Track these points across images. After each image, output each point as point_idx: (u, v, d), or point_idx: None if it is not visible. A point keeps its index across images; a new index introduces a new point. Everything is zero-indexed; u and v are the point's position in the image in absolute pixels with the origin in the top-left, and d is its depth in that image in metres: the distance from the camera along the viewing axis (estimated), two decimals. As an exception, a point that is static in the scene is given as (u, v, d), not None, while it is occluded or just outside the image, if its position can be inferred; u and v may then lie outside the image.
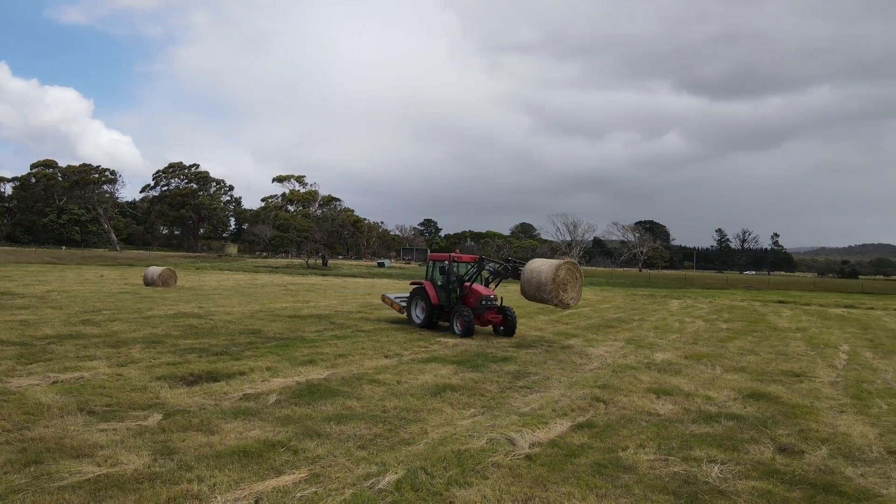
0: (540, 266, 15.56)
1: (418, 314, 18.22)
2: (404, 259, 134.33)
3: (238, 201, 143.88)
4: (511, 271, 16.78)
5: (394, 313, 21.83)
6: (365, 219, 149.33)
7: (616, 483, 6.22)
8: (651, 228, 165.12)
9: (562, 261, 15.54)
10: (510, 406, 9.23)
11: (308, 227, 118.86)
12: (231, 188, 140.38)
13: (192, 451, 6.59)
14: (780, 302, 40.84)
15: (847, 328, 23.90)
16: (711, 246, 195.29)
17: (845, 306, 38.47)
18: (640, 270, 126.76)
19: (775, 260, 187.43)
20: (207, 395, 9.08)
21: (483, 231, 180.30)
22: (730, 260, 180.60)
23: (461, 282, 17.43)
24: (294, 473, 6.06)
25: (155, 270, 33.16)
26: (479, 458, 6.72)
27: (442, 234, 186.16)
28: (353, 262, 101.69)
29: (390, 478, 6.02)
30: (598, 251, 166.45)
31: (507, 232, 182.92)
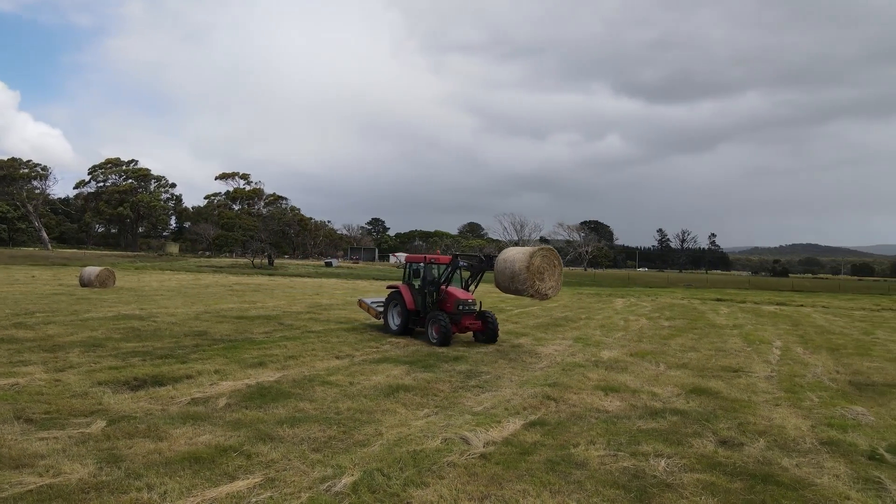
0: (513, 255, 14.18)
1: (394, 320, 17.01)
2: (352, 259, 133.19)
3: (179, 199, 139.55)
4: (486, 263, 15.71)
5: (341, 315, 21.68)
6: (312, 218, 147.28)
7: (569, 479, 6.37)
8: (596, 228, 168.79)
9: (537, 247, 14.20)
10: (463, 405, 9.32)
11: (253, 226, 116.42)
12: (173, 186, 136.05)
13: (139, 458, 6.40)
14: (718, 300, 42.42)
15: (779, 325, 25.05)
16: (653, 246, 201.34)
17: (777, 304, 40.29)
18: (586, 270, 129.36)
19: (712, 259, 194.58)
20: (153, 399, 8.82)
21: (431, 230, 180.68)
22: (670, 259, 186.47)
23: (437, 285, 16.19)
24: (248, 479, 5.97)
25: (92, 270, 31.87)
26: (434, 458, 6.78)
27: (390, 233, 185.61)
28: (300, 262, 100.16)
29: (347, 480, 6.00)
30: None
31: (455, 231, 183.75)
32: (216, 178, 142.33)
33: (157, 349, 12.85)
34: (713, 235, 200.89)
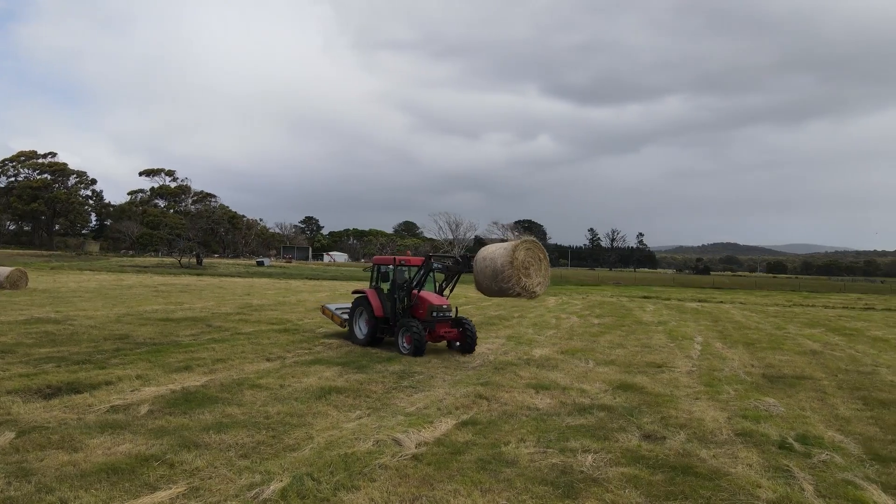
0: (494, 251, 12.80)
1: (361, 328, 15.54)
2: (285, 258, 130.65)
3: (100, 196, 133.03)
4: (463, 263, 14.21)
5: (273, 315, 21.21)
6: (243, 216, 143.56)
7: (499, 477, 6.46)
8: (530, 227, 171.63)
9: (519, 240, 12.81)
10: (396, 406, 9.30)
11: (181, 224, 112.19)
12: (93, 181, 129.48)
13: (52, 471, 6.06)
14: (645, 297, 44.01)
15: (701, 321, 26.23)
16: (584, 244, 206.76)
17: (699, 301, 42.17)
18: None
19: (640, 258, 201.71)
20: (68, 408, 8.37)
21: (366, 229, 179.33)
22: (601, 258, 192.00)
23: (408, 289, 14.80)
24: (171, 488, 5.75)
25: (2, 271, 29.93)
26: (366, 460, 6.73)
27: (324, 231, 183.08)
28: (231, 261, 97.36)
29: (275, 486, 5.88)
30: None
31: (390, 230, 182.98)
32: (140, 174, 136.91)
33: (73, 354, 12.20)
34: (641, 235, 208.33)
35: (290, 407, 8.89)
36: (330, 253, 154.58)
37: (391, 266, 15.38)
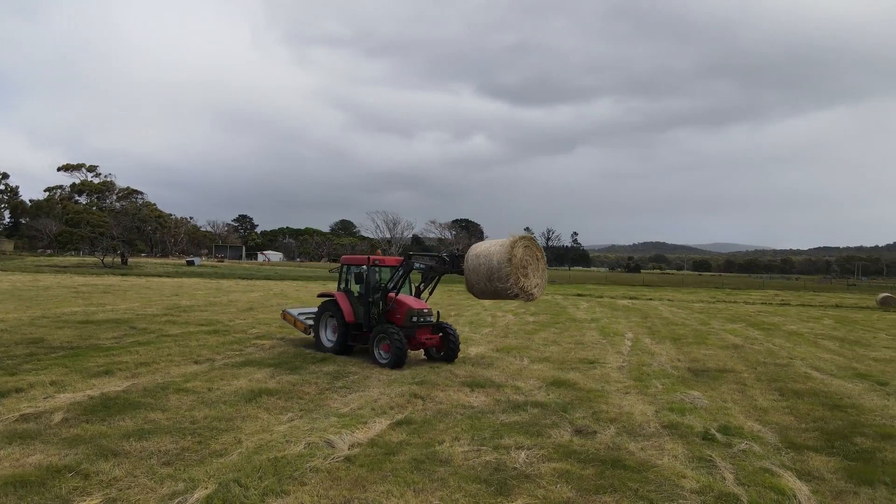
0: (489, 248, 11.74)
1: (329, 336, 14.26)
2: (217, 257, 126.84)
3: (14, 191, 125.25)
4: (450, 264, 12.92)
5: (202, 316, 20.47)
6: (171, 214, 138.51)
7: (433, 477, 6.42)
8: (466, 227, 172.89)
9: (517, 237, 11.70)
10: (329, 407, 9.12)
11: (104, 222, 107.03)
12: (5, 175, 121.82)
13: (-49, 486, 5.61)
14: (579, 295, 45.05)
15: (631, 318, 27.04)
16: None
17: (630, 298, 43.50)
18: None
19: (575, 256, 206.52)
20: (-27, 418, 7.79)
21: (302, 228, 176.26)
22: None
23: (384, 292, 13.40)
24: (85, 501, 5.44)
25: None
26: (296, 464, 6.55)
27: (258, 230, 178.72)
28: (159, 261, 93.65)
29: (199, 494, 5.64)
30: (416, 248, 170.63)
31: (327, 229, 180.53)
32: (59, 170, 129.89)
33: (-20, 360, 11.39)
34: (575, 234, 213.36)
35: (218, 411, 8.57)
36: (264, 252, 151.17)
37: (364, 266, 13.86)
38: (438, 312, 13.94)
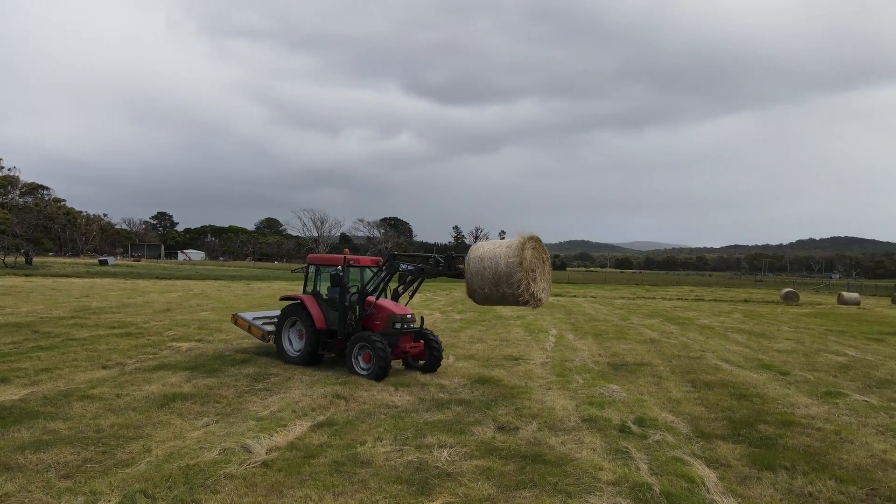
0: (495, 250, 10.66)
1: (293, 344, 12.92)
2: (133, 256, 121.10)
3: None
4: (446, 267, 11.57)
5: (114, 318, 19.42)
6: (83, 211, 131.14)
7: (353, 479, 6.30)
8: (395, 225, 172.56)
9: (525, 237, 10.56)
10: (248, 411, 8.82)
11: (5, 219, 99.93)
12: None
13: None
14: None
15: (556, 314, 27.66)
16: (449, 242, 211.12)
17: (555, 295, 44.52)
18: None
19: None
20: None
21: (226, 226, 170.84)
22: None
23: (363, 296, 12.33)
24: (-31, 520, 5.00)
25: None
26: (210, 471, 6.28)
27: (179, 228, 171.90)
28: (69, 260, 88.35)
29: (101, 508, 5.30)
30: (345, 247, 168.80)
31: (252, 227, 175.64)
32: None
33: None
34: (503, 232, 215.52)
35: (126, 418, 8.12)
36: (185, 251, 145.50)
37: (339, 267, 12.57)
38: (423, 318, 13.15)
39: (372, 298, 12.20)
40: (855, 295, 47.84)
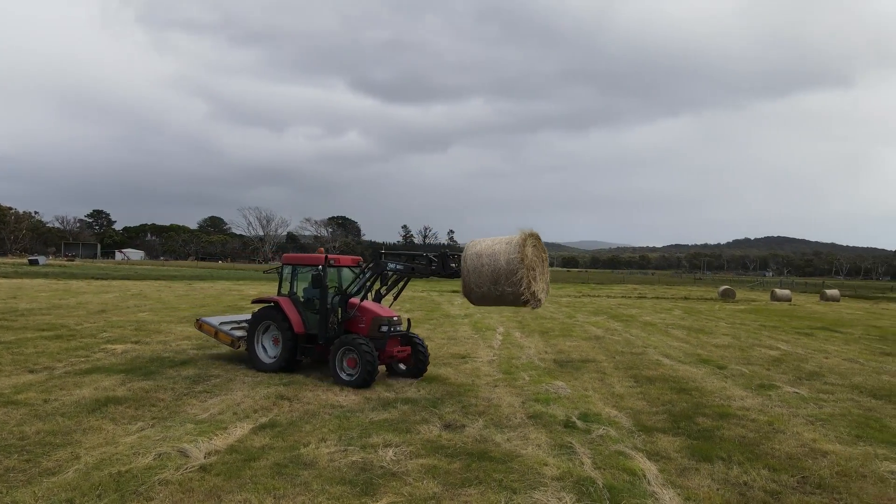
0: (493, 246, 10.07)
1: (268, 350, 12.08)
2: (66, 256, 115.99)
3: None
4: (440, 266, 10.89)
5: (44, 320, 18.52)
6: (11, 208, 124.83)
7: (295, 482, 6.15)
8: (343, 224, 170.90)
9: (526, 233, 9.93)
10: (186, 414, 8.51)
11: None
12: None
13: None
14: (454, 292, 45.78)
15: (503, 313, 27.85)
16: (398, 241, 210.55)
17: (503, 294, 44.93)
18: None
19: (451, 254, 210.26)
20: None
21: (167, 224, 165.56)
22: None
23: (345, 297, 11.67)
24: None
25: None
26: (143, 477, 6.02)
27: (117, 226, 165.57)
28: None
29: (23, 519, 5.00)
30: (291, 246, 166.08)
31: (195, 226, 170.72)
32: None
33: None
34: (452, 232, 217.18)
35: (53, 424, 7.71)
36: (123, 250, 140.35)
37: (319, 267, 11.69)
38: (409, 320, 12.54)
39: (356, 300, 11.50)
40: (787, 292, 50.05)
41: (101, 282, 41.95)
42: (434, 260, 11.03)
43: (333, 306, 11.62)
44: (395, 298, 12.03)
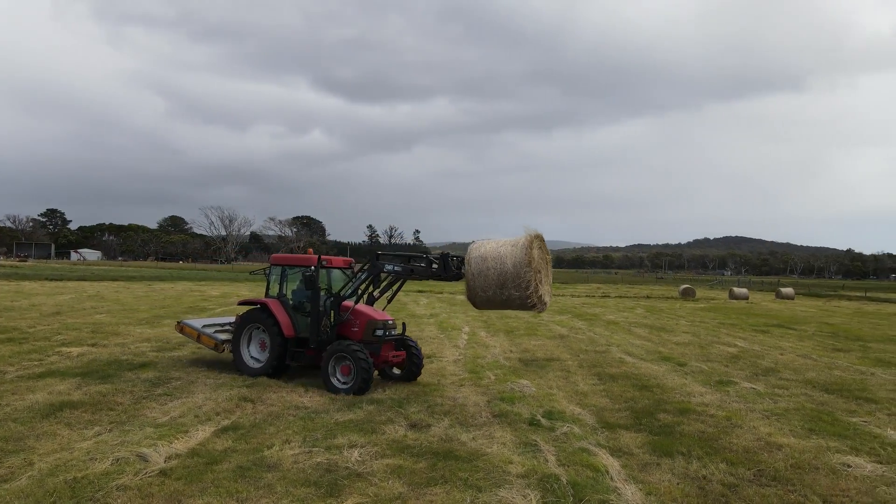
0: (499, 249, 9.78)
1: (255, 354, 11.62)
2: (18, 256, 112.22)
3: None
4: (442, 268, 10.52)
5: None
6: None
7: (258, 484, 6.07)
8: (308, 223, 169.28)
9: (532, 234, 9.62)
10: (146, 418, 8.32)
11: None
12: None
13: None
14: (419, 291, 45.82)
15: (469, 312, 27.92)
16: (363, 241, 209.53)
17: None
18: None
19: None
20: None
21: (125, 223, 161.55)
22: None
23: (338, 300, 11.17)
24: None
25: None
26: (100, 483, 5.86)
27: (72, 226, 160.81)
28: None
29: (-28, 529, 4.82)
30: (255, 246, 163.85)
31: (154, 225, 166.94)
32: None
33: None
34: (417, 231, 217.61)
35: (5, 430, 7.45)
36: (79, 251, 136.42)
37: (312, 268, 11.24)
38: (404, 324, 12.10)
39: (349, 303, 11.07)
40: (744, 290, 51.41)
41: (56, 283, 40.67)
42: (435, 262, 10.64)
43: (326, 309, 11.17)
44: (389, 302, 11.71)
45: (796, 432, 8.78)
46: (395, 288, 11.36)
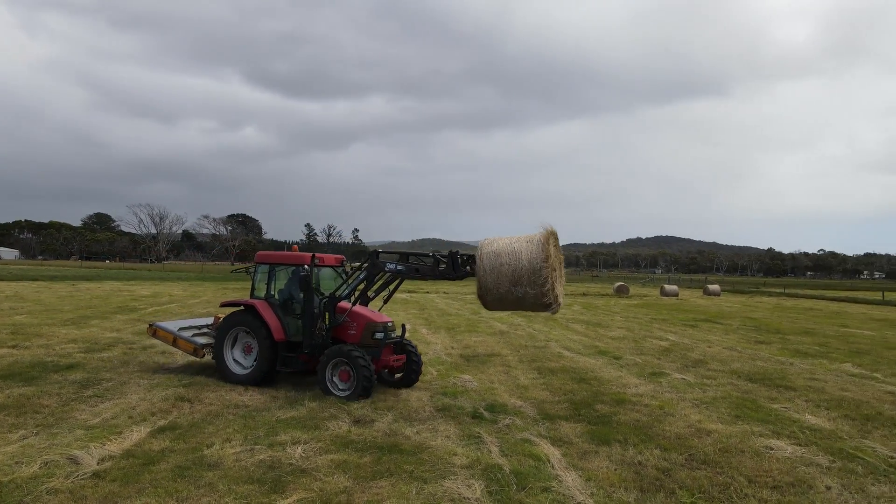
0: (513, 245, 9.18)
1: (240, 359, 10.78)
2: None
3: None
4: (450, 267, 9.86)
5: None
6: None
7: (199, 483, 5.93)
8: (244, 222, 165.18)
9: (547, 230, 9.05)
10: (75, 420, 7.98)
11: None
12: None
13: None
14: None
15: (410, 310, 28.01)
16: (301, 240, 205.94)
17: (408, 291, 45.06)
18: (234, 264, 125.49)
19: (356, 253, 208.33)
20: None
21: (45, 221, 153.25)
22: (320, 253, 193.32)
23: (333, 301, 10.48)
24: None
25: None
26: (28, 487, 5.60)
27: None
28: None
29: None
30: (188, 245, 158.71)
31: (78, 223, 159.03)
32: None
33: None
34: (356, 230, 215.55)
35: (-81, 436, 7.00)
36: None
37: (305, 267, 10.48)
38: (404, 326, 11.58)
39: (346, 304, 10.41)
40: (674, 287, 53.49)
41: (-30, 283, 38.20)
42: (442, 260, 10.04)
43: (320, 311, 10.41)
44: (385, 302, 11.37)
45: (724, 419, 9.24)
46: (391, 288, 10.90)
